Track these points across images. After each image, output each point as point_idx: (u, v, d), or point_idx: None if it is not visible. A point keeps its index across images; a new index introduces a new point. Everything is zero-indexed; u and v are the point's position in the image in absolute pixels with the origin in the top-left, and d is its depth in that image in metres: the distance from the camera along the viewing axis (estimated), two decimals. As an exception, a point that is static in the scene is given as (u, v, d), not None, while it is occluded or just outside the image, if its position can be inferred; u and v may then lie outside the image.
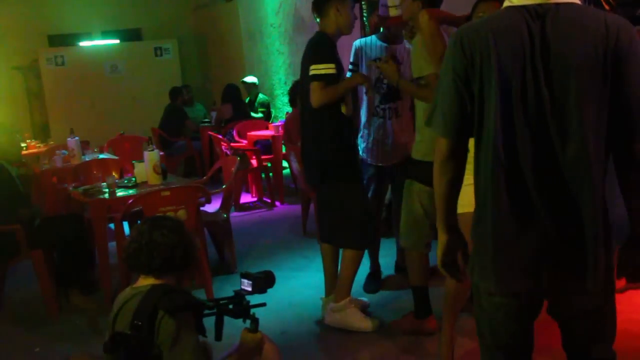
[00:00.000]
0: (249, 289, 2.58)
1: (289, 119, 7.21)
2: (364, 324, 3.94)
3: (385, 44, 4.32)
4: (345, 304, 3.96)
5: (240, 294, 2.56)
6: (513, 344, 2.09)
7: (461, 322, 3.51)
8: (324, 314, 4.13)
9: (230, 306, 2.53)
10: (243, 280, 2.60)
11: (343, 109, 3.83)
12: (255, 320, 2.54)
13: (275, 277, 2.64)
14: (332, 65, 3.74)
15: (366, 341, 3.82)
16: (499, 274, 1.95)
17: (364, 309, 4.12)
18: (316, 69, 3.74)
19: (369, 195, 4.31)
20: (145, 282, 2.52)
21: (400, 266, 4.80)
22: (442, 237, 2.18)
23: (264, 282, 2.60)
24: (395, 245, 4.87)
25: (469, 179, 2.99)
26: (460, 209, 3.10)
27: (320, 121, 3.84)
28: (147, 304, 2.39)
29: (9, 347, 2.83)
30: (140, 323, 2.34)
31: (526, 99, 1.85)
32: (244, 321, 2.54)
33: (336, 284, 4.03)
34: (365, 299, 4.26)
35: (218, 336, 2.51)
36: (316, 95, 3.75)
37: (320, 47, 3.84)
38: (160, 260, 2.52)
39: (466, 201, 3.08)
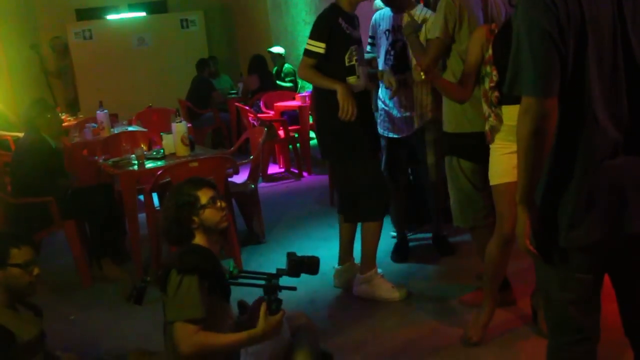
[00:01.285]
0: (286, 269, 2.61)
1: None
2: (391, 294, 3.97)
3: (392, 14, 4.30)
4: (372, 275, 4.00)
5: (273, 275, 2.59)
6: (587, 297, 2.08)
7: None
8: (336, 283, 4.20)
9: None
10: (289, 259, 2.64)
11: (352, 80, 3.83)
12: (276, 302, 2.54)
13: (319, 266, 2.66)
14: (322, 45, 3.81)
15: (394, 310, 3.86)
16: (588, 224, 1.93)
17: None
18: (308, 44, 3.87)
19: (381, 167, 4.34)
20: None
21: (435, 238, 4.79)
22: (524, 215, 2.00)
23: (304, 267, 2.63)
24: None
25: (506, 147, 2.99)
26: (497, 180, 3.09)
27: (326, 95, 3.86)
28: (166, 263, 2.60)
29: (45, 315, 2.92)
30: (148, 278, 2.62)
31: (616, 48, 1.87)
32: (268, 301, 2.54)
33: (354, 255, 4.10)
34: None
35: (273, 310, 2.53)
36: (301, 70, 3.96)
37: (319, 23, 3.92)
38: (172, 232, 2.68)
39: (501, 171, 3.08)
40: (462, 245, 4.68)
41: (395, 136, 4.39)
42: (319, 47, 3.82)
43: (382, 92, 4.42)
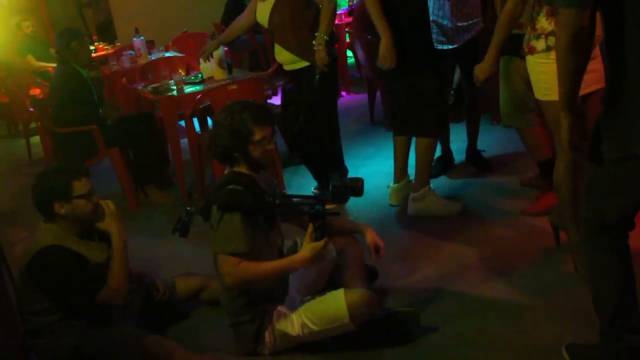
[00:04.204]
0: (328, 197, 2.60)
1: (360, 4, 7.01)
2: (448, 208, 3.97)
3: None
4: (425, 191, 3.99)
5: (317, 200, 2.60)
6: (630, 205, 2.14)
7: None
8: (392, 201, 4.19)
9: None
10: (332, 182, 2.62)
11: None
12: (320, 228, 2.54)
13: (364, 187, 2.64)
14: None
15: (450, 226, 3.84)
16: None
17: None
18: None
19: None
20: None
21: (473, 154, 4.76)
22: (566, 120, 2.14)
23: (348, 190, 2.61)
24: (465, 131, 4.80)
25: (542, 62, 2.89)
26: (541, 96, 2.99)
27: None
28: (208, 192, 2.66)
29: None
30: (192, 209, 2.74)
31: None
32: (313, 228, 2.55)
33: (414, 173, 4.05)
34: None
35: (316, 236, 2.55)
36: None
37: None
38: (218, 153, 2.71)
39: (543, 89, 2.97)
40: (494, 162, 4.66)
41: (446, 47, 4.27)
42: None
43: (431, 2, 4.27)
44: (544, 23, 2.91)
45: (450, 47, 4.19)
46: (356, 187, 2.63)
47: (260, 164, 2.73)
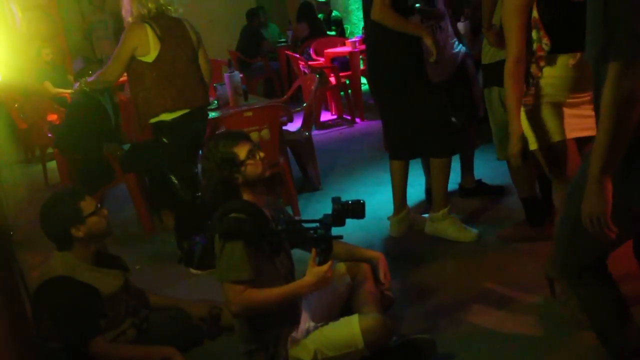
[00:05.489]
0: (330, 220, 2.56)
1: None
2: (463, 234, 3.98)
3: None
4: (444, 213, 4.00)
5: (321, 223, 2.58)
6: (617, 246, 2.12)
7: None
8: (393, 232, 4.18)
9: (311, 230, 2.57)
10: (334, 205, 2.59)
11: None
12: (323, 253, 2.53)
13: (364, 210, 2.59)
14: None
15: (463, 252, 3.84)
16: None
17: (418, 223, 4.16)
18: None
19: None
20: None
21: (479, 186, 4.74)
22: (604, 192, 1.87)
23: (349, 213, 2.57)
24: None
25: (551, 103, 2.88)
26: (558, 137, 2.94)
27: (396, 37, 3.77)
28: (211, 223, 2.66)
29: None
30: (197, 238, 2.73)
31: None
32: (316, 252, 2.53)
33: (433, 194, 4.07)
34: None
35: (320, 261, 2.53)
36: (381, 10, 3.68)
37: None
38: (219, 192, 2.72)
39: (555, 127, 2.94)
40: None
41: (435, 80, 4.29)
42: None
43: None
44: (533, 69, 2.89)
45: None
46: (356, 209, 2.61)
47: (262, 180, 2.74)
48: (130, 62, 3.97)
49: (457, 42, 4.27)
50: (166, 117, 4.01)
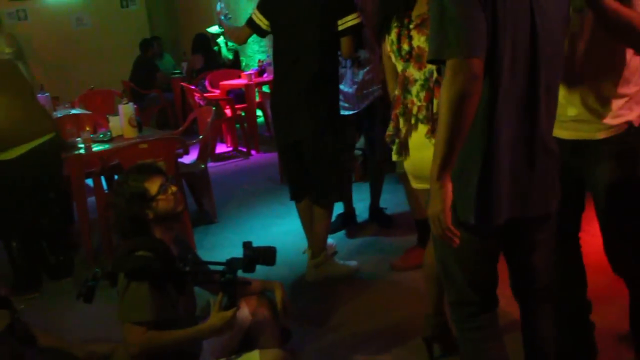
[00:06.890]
0: (240, 266, 2.53)
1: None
2: (347, 269, 4.06)
3: None
4: (325, 256, 4.04)
5: (229, 266, 2.54)
6: (483, 279, 2.16)
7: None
8: (309, 277, 4.10)
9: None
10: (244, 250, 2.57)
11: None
12: (229, 297, 2.49)
13: (275, 257, 2.60)
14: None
15: (350, 287, 3.93)
16: (484, 207, 1.96)
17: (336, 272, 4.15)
18: (353, 19, 3.63)
19: None
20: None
21: (375, 212, 4.90)
22: (443, 191, 1.88)
23: (259, 260, 2.56)
24: (369, 190, 4.94)
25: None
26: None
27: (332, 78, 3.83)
28: (115, 258, 2.59)
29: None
30: (99, 273, 2.52)
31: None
32: (222, 297, 2.49)
33: (313, 239, 4.05)
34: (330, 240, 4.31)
35: (226, 305, 2.49)
36: (350, 50, 3.73)
37: None
38: (127, 228, 2.61)
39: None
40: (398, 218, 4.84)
41: (346, 113, 4.40)
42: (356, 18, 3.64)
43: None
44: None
45: (352, 112, 4.39)
46: (267, 256, 2.60)
47: (173, 215, 2.67)
48: None
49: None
50: None
